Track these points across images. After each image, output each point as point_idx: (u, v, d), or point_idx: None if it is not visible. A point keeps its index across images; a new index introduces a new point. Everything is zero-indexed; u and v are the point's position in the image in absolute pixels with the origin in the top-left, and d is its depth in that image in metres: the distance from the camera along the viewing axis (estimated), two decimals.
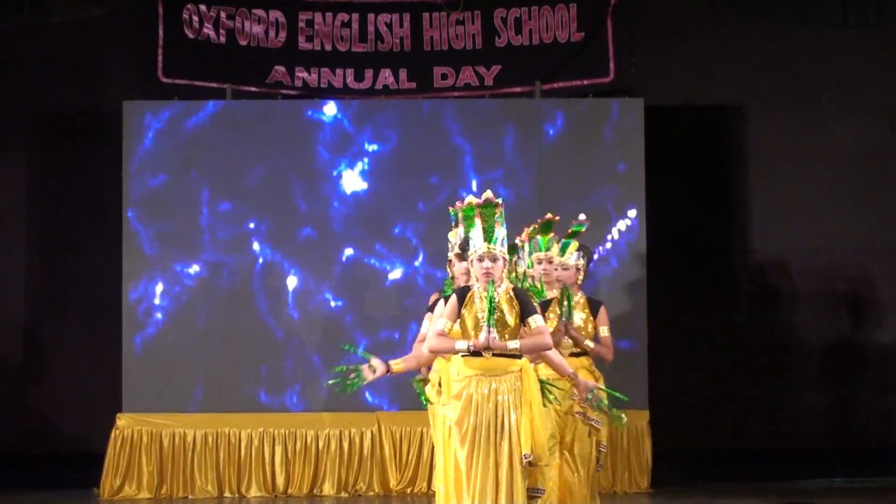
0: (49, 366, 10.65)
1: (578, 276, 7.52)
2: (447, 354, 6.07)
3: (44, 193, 10.78)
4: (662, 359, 10.09)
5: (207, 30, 10.36)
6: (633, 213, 9.90)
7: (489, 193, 6.07)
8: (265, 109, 10.13)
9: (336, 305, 9.99)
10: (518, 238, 7.26)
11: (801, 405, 10.71)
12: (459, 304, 6.01)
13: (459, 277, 6.82)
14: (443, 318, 6.02)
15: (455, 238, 6.90)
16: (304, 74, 10.44)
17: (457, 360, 6.08)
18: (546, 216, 7.17)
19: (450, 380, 6.10)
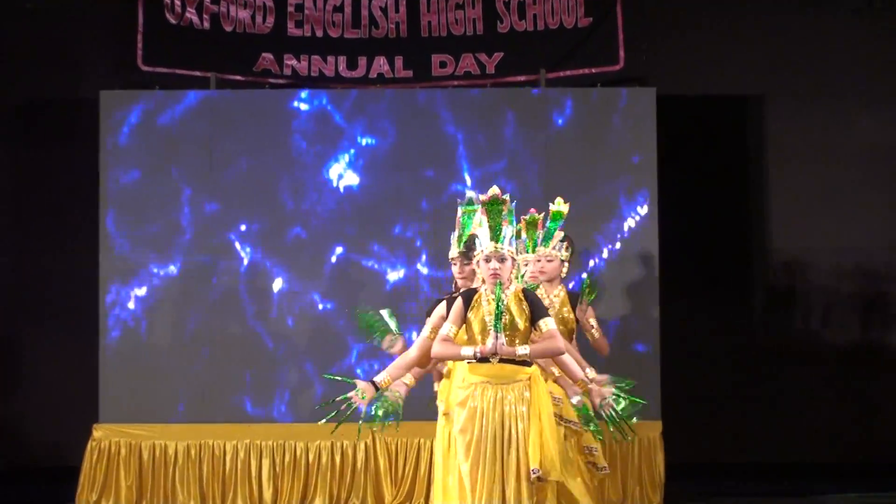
0: (20, 373, 10.66)
1: (562, 270, 7.52)
2: (452, 361, 6.13)
3: (15, 190, 10.78)
4: (676, 366, 10.05)
5: (190, 14, 10.32)
6: (645, 210, 9.86)
7: (495, 189, 6.09)
8: (252, 99, 10.08)
9: (327, 309, 9.95)
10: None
11: (825, 416, 10.73)
12: (465, 308, 6.02)
13: (463, 279, 6.81)
14: (448, 323, 6.04)
15: (455, 237, 6.91)
16: (294, 62, 10.41)
17: (462, 367, 6.10)
18: (555, 207, 7.08)
19: (454, 387, 6.15)
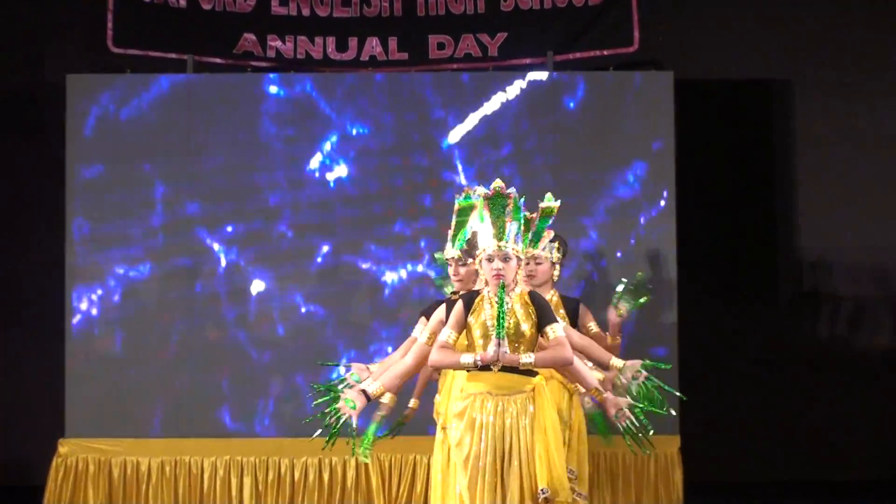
0: None
1: (553, 272, 7.53)
2: (450, 369, 6.17)
3: None
4: (695, 376, 10.00)
5: None
6: (661, 205, 9.87)
7: (499, 182, 6.09)
8: (232, 84, 10.07)
9: (315, 314, 9.95)
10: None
11: (860, 429, 10.73)
12: (466, 312, 6.02)
13: (460, 282, 6.78)
14: (447, 328, 6.03)
15: (451, 235, 6.81)
16: (278, 44, 10.38)
17: (461, 376, 6.10)
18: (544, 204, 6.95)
19: (452, 398, 6.15)
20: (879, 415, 10.75)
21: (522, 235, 6.24)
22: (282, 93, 10.02)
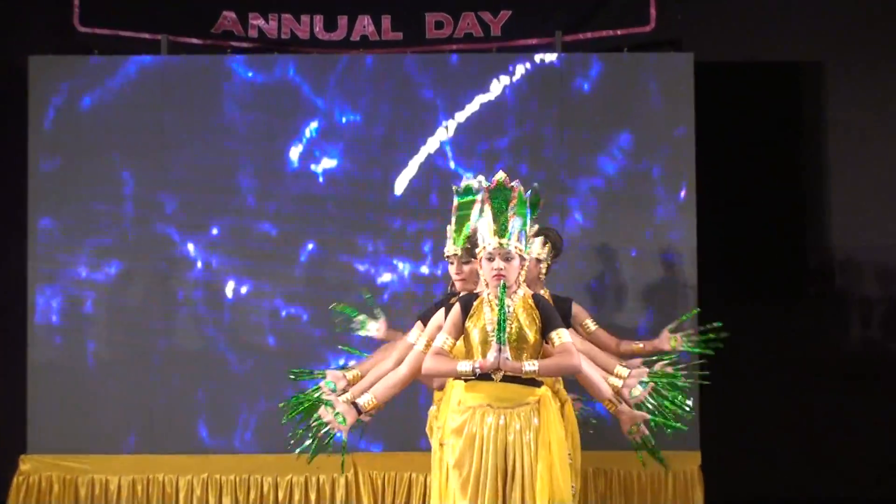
0: None
1: (541, 270, 7.62)
2: (446, 378, 6.21)
3: None
4: (717, 386, 9.83)
5: None
6: (681, 197, 9.89)
7: (501, 175, 6.11)
8: (210, 67, 10.07)
9: (301, 319, 9.95)
10: None
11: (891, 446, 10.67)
12: (463, 315, 6.01)
13: (462, 281, 6.77)
14: (443, 333, 6.02)
15: (451, 231, 6.89)
16: (260, 22, 10.39)
17: (458, 386, 6.07)
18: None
19: (449, 411, 6.15)
20: None
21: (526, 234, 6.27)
22: (263, 77, 10.04)
